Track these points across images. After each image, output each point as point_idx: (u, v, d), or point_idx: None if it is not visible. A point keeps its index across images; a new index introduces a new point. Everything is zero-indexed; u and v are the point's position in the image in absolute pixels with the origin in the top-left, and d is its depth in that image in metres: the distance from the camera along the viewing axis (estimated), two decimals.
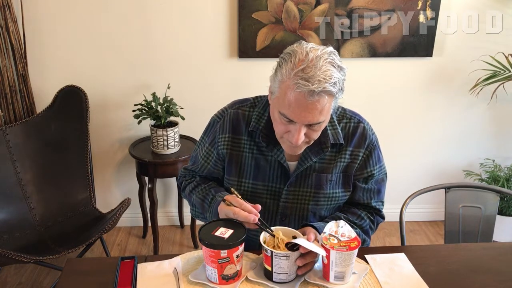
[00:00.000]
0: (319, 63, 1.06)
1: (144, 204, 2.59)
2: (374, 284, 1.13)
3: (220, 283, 1.09)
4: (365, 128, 1.30)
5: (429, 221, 2.89)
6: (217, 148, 1.32)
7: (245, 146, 1.29)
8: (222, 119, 1.32)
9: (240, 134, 1.30)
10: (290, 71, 1.07)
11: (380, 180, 1.34)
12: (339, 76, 1.08)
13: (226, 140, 1.30)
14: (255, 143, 1.29)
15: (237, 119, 1.30)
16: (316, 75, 1.04)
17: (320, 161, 1.27)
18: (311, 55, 1.07)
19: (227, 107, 1.34)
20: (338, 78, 1.08)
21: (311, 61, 1.06)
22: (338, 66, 1.09)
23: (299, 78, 1.05)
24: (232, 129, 1.30)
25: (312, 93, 1.05)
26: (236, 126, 1.30)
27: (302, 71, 1.05)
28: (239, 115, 1.30)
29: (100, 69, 2.44)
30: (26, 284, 2.26)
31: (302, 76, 1.05)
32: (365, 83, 2.57)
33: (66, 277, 1.15)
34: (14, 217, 2.10)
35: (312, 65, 1.05)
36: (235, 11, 2.36)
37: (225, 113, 1.33)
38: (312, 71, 1.05)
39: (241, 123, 1.30)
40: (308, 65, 1.06)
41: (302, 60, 1.07)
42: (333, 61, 1.08)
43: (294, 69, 1.07)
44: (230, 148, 1.30)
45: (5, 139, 2.14)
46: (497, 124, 2.72)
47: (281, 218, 1.30)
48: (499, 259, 1.26)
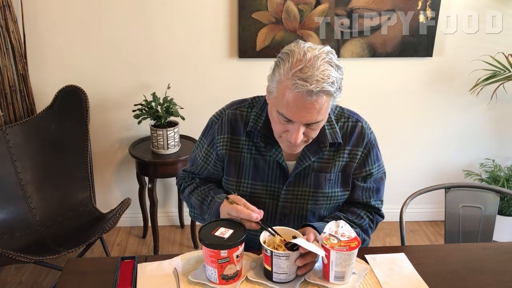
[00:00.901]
0: (317, 62, 1.06)
1: (144, 204, 2.59)
2: (374, 284, 1.13)
3: (220, 283, 1.09)
4: (363, 127, 1.30)
5: (429, 221, 2.89)
6: (216, 149, 1.32)
7: (243, 146, 1.29)
8: (220, 120, 1.32)
9: (239, 134, 1.30)
10: (288, 71, 1.07)
11: (379, 179, 1.35)
12: (337, 75, 1.08)
13: (225, 141, 1.30)
14: (254, 144, 1.29)
15: (235, 120, 1.30)
16: (314, 75, 1.04)
17: (318, 160, 1.27)
18: (309, 55, 1.07)
19: (225, 108, 1.34)
20: (336, 77, 1.08)
21: (309, 61, 1.06)
22: (336, 65, 1.09)
23: (297, 78, 1.05)
24: (231, 130, 1.30)
25: (310, 93, 1.05)
26: (235, 126, 1.30)
27: (300, 71, 1.05)
28: (237, 116, 1.31)
29: (100, 69, 2.44)
30: (26, 284, 2.26)
31: (300, 76, 1.05)
32: (365, 83, 2.57)
33: (66, 277, 1.15)
34: (14, 217, 2.10)
35: (310, 65, 1.05)
36: (235, 11, 2.36)
37: (223, 114, 1.33)
38: (310, 71, 1.05)
39: (239, 124, 1.30)
40: (306, 65, 1.06)
41: (300, 60, 1.07)
42: (331, 61, 1.08)
43: (292, 69, 1.07)
44: (228, 149, 1.30)
45: (5, 139, 2.14)
46: (497, 124, 2.72)
47: (280, 218, 1.30)
48: (499, 259, 1.26)
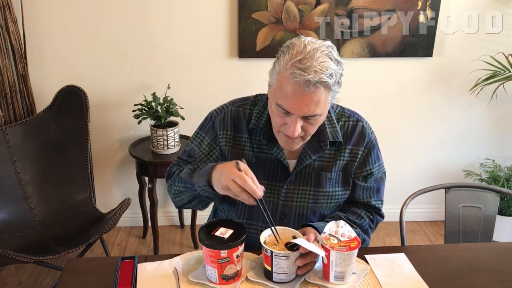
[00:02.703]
0: (316, 54, 1.07)
1: (144, 204, 2.58)
2: (374, 284, 1.13)
3: (220, 283, 1.09)
4: (363, 126, 1.31)
5: (429, 221, 2.89)
6: (219, 144, 1.31)
7: (246, 144, 1.30)
8: (222, 114, 1.32)
9: (241, 132, 1.30)
10: (288, 62, 1.09)
11: (379, 179, 1.35)
12: (335, 68, 1.09)
13: (228, 138, 1.30)
14: (256, 141, 1.29)
15: (238, 117, 1.30)
16: (312, 65, 1.06)
17: (319, 159, 1.28)
18: (309, 47, 1.08)
19: (228, 105, 1.34)
20: (335, 70, 1.09)
21: (308, 53, 1.07)
22: (335, 59, 1.10)
23: (295, 68, 1.06)
24: (234, 127, 1.30)
25: (308, 83, 1.06)
26: (237, 124, 1.30)
27: (299, 62, 1.07)
28: (239, 113, 1.31)
29: (100, 69, 2.44)
30: (26, 284, 2.26)
31: (298, 66, 1.06)
32: (365, 83, 2.56)
33: (66, 277, 1.15)
34: (14, 217, 2.10)
35: (309, 56, 1.07)
36: (235, 11, 2.36)
37: (225, 109, 1.32)
38: (308, 62, 1.06)
39: (242, 121, 1.30)
40: (305, 56, 1.07)
41: (299, 52, 1.08)
42: (330, 54, 1.10)
43: (291, 60, 1.08)
44: (231, 146, 1.30)
45: (5, 139, 2.14)
46: (497, 124, 2.72)
47: (280, 217, 1.30)
48: (499, 259, 1.26)
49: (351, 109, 1.34)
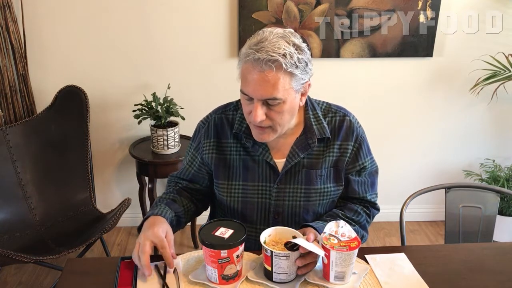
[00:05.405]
0: (270, 37, 1.12)
1: (144, 204, 2.58)
2: (374, 284, 1.13)
3: (220, 283, 1.09)
4: (351, 121, 1.31)
5: (429, 221, 2.89)
6: (202, 153, 1.33)
7: (231, 149, 1.31)
8: (207, 124, 1.34)
9: (226, 138, 1.31)
10: (247, 48, 1.13)
11: (373, 173, 1.36)
12: (292, 51, 1.11)
13: (211, 145, 1.32)
14: (241, 145, 1.30)
15: (221, 124, 1.32)
16: (265, 46, 1.10)
17: (308, 157, 1.28)
18: (266, 33, 1.13)
19: (212, 113, 1.37)
20: (290, 52, 1.10)
21: (264, 37, 1.12)
22: (294, 44, 1.13)
23: (250, 50, 1.11)
24: (217, 134, 1.32)
25: (258, 61, 1.09)
26: (221, 131, 1.32)
27: (254, 45, 1.11)
28: (223, 120, 1.33)
29: (100, 69, 2.44)
30: (26, 284, 2.26)
31: (253, 48, 1.11)
32: (365, 83, 2.57)
33: (66, 277, 1.15)
34: (14, 217, 2.10)
35: (264, 39, 1.11)
36: (235, 11, 2.36)
37: (210, 119, 1.35)
38: (262, 44, 1.10)
39: (226, 127, 1.32)
40: (261, 40, 1.12)
41: (257, 38, 1.13)
42: (286, 37, 1.13)
43: (250, 45, 1.13)
44: (216, 153, 1.31)
45: (5, 139, 2.14)
46: (497, 124, 2.72)
47: (274, 217, 1.30)
48: (499, 259, 1.26)
49: (337, 104, 1.35)
